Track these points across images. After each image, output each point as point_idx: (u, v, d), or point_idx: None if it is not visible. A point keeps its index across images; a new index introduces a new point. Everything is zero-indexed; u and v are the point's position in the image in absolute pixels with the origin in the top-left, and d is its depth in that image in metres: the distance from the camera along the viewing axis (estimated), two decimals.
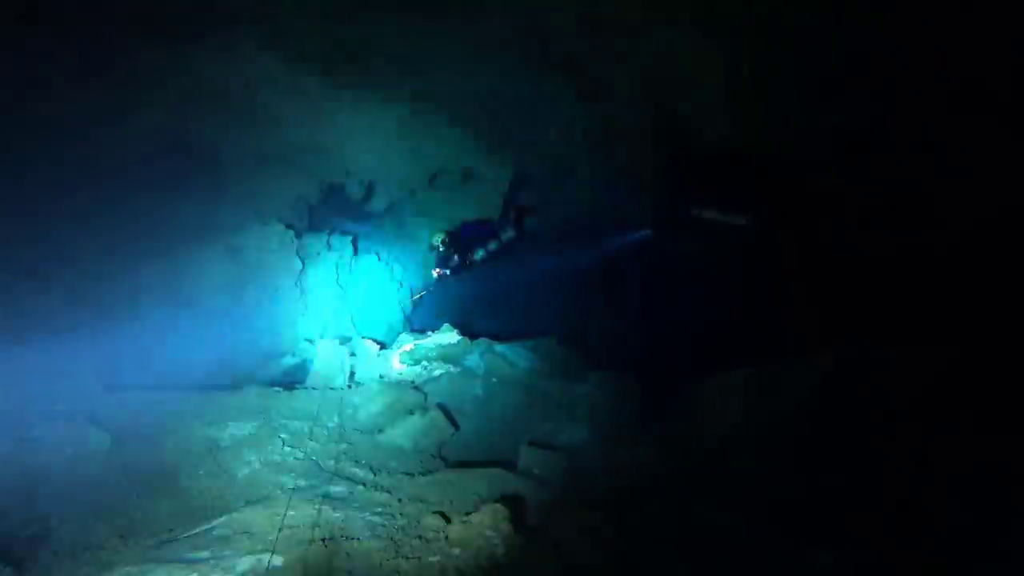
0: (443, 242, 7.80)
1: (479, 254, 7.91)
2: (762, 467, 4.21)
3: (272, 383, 6.02)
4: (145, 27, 5.31)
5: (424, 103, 6.83)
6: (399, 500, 3.88)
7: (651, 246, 7.73)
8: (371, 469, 4.61)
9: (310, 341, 6.90)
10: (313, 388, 5.75)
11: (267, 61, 6.49)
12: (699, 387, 5.55)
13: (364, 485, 4.19)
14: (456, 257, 7.78)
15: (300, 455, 4.65)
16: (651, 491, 4.21)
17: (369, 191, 8.15)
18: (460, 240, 7.99)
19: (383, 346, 7.10)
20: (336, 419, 5.27)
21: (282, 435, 4.89)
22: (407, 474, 4.59)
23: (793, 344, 5.44)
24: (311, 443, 4.82)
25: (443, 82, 6.58)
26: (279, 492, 3.97)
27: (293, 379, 6.27)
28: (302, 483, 4.13)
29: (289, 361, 6.95)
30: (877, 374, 3.98)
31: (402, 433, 5.26)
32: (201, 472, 4.36)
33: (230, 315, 6.69)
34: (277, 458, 4.55)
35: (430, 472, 4.62)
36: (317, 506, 3.61)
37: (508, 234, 8.17)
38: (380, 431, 5.28)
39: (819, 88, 4.52)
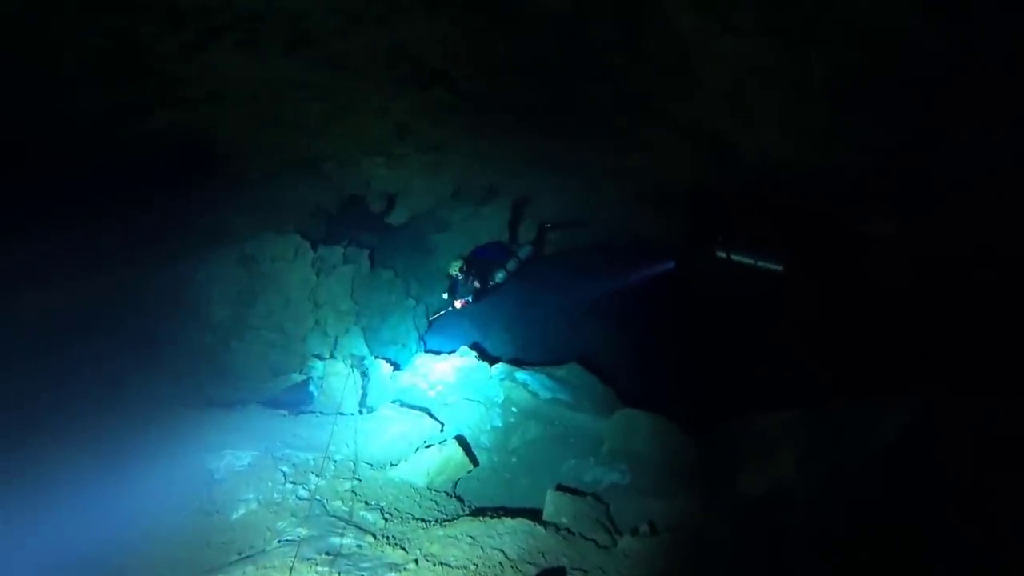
0: (460, 270, 6.89)
1: (499, 276, 7.19)
2: (819, 535, 3.53)
3: (276, 403, 5.39)
4: (163, 18, 4.79)
5: (451, 113, 6.28)
6: (415, 561, 3.22)
7: (676, 276, 7.08)
8: (382, 513, 3.96)
9: (320, 358, 6.27)
10: (321, 412, 5.11)
11: (291, 64, 5.98)
12: (740, 428, 4.89)
13: (375, 537, 3.53)
14: (476, 283, 7.01)
15: (303, 493, 4.00)
16: (698, 560, 3.54)
17: (390, 204, 7.58)
18: (477, 264, 7.20)
19: (397, 367, 6.47)
20: (345, 450, 4.62)
21: (284, 468, 4.25)
22: (422, 521, 3.93)
23: (840, 386, 4.78)
24: (316, 479, 4.17)
25: (474, 91, 6.03)
26: (277, 544, 3.32)
27: (300, 399, 5.64)
28: (303, 532, 3.48)
29: (296, 379, 6.32)
30: (978, 430, 3.30)
31: (416, 469, 4.60)
32: (192, 510, 3.72)
33: (238, 326, 6.10)
34: (277, 497, 3.91)
35: (447, 520, 3.96)
36: (321, 569, 2.96)
37: (526, 251, 7.56)
38: (392, 465, 4.63)
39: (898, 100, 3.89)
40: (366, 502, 4.05)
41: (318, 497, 3.98)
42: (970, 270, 4.98)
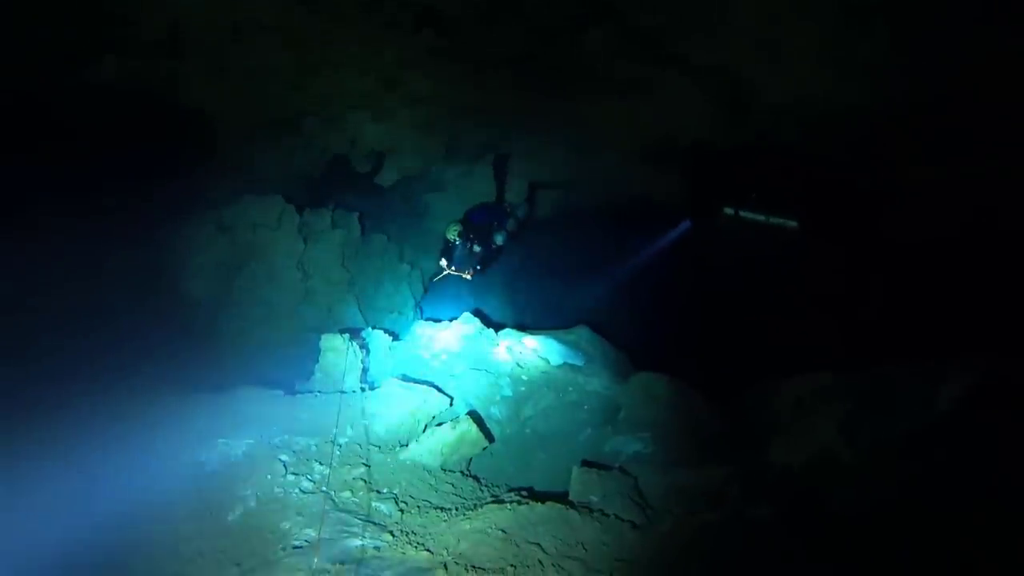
0: (459, 234, 5.99)
1: (500, 238, 6.45)
2: (869, 512, 3.13)
3: (270, 383, 4.76)
4: None
5: (444, 63, 5.44)
6: (444, 566, 2.72)
7: (691, 238, 6.50)
8: (397, 503, 3.44)
9: (314, 331, 5.62)
10: (320, 392, 4.51)
11: (258, 3, 5.03)
12: (767, 393, 4.47)
13: (393, 534, 3.02)
14: (477, 247, 6.22)
15: (308, 485, 3.45)
16: (744, 544, 3.12)
17: (378, 164, 6.77)
18: (474, 227, 6.35)
19: (395, 337, 5.86)
20: (349, 432, 4.06)
21: (284, 456, 3.68)
22: (441, 510, 3.43)
23: (873, 351, 4.35)
24: (321, 467, 3.61)
25: (467, 39, 5.19)
26: (282, 551, 2.78)
27: (295, 378, 5.01)
28: (311, 533, 2.94)
29: (289, 352, 5.69)
30: None
31: (429, 449, 4.08)
32: (181, 513, 3.13)
33: (220, 301, 5.38)
34: (278, 491, 3.35)
35: (469, 508, 3.46)
36: None
37: (523, 210, 6.86)
38: (403, 446, 4.09)
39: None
40: (379, 491, 3.52)
41: (324, 488, 3.44)
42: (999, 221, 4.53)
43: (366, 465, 3.75)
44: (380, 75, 5.75)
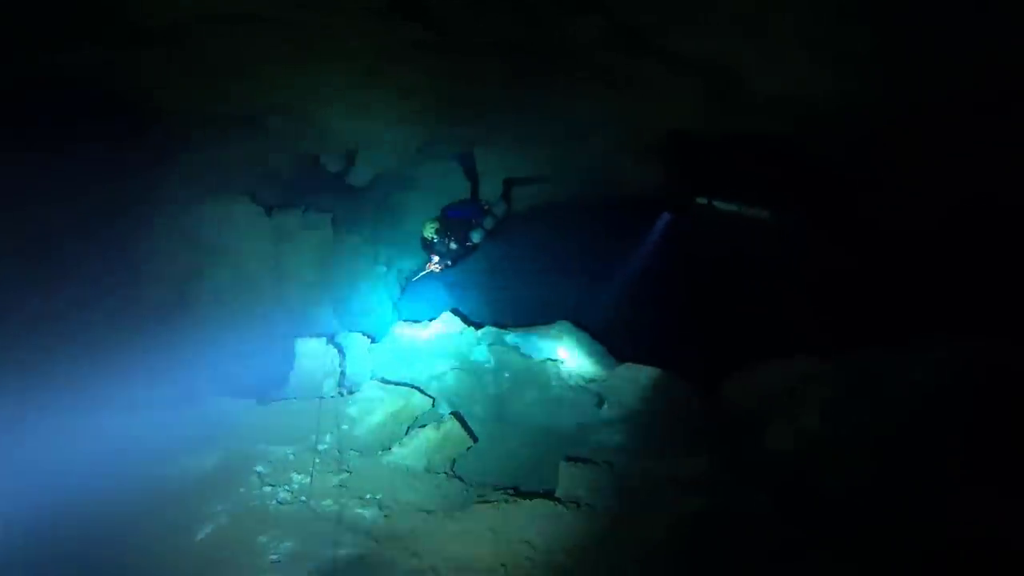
0: (436, 232, 5.91)
1: (476, 236, 6.31)
2: (858, 496, 3.12)
3: (239, 392, 4.51)
4: None
5: (424, 54, 5.24)
6: (433, 570, 2.59)
7: (672, 230, 6.48)
8: (380, 507, 3.29)
9: (287, 336, 5.38)
10: (296, 399, 4.30)
11: None
12: (753, 381, 4.47)
13: (378, 541, 2.87)
14: (453, 244, 6.11)
15: (285, 495, 3.26)
16: (737, 530, 3.08)
17: (350, 161, 6.55)
18: (451, 224, 6.25)
19: (373, 340, 5.67)
20: (329, 438, 3.88)
21: (259, 467, 3.48)
22: (426, 512, 3.29)
23: (855, 335, 4.38)
24: (299, 476, 3.43)
25: (451, 25, 4.99)
26: (258, 566, 2.60)
27: (269, 385, 4.78)
28: (291, 546, 2.77)
29: (260, 360, 5.44)
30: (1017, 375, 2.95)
31: (413, 452, 3.93)
32: (144, 533, 2.91)
33: (183, 307, 5.09)
34: (254, 504, 3.15)
35: (455, 509, 3.33)
36: None
37: (501, 208, 6.73)
38: (386, 450, 3.93)
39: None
40: (361, 496, 3.36)
41: (303, 498, 3.26)
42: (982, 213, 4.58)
43: (347, 471, 3.57)
44: (355, 66, 5.51)
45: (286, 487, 3.34)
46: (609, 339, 5.77)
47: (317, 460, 3.61)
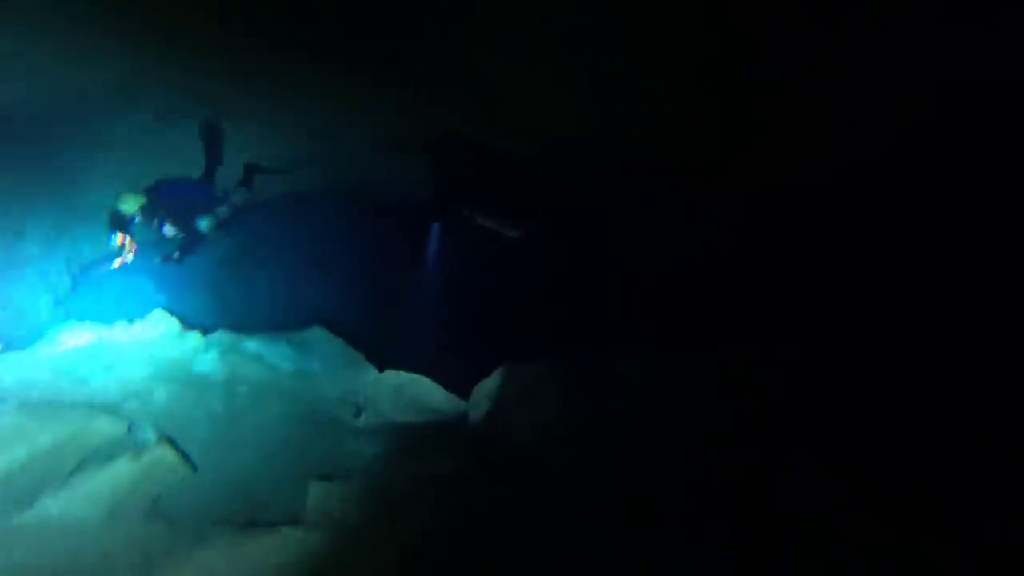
0: (142, 209, 4.55)
1: (205, 224, 5.03)
2: (587, 476, 3.66)
3: None
4: None
5: None
6: None
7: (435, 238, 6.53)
8: None
9: None
10: None
11: None
12: (501, 380, 4.81)
13: None
14: (171, 230, 4.71)
15: None
16: (487, 517, 3.21)
17: None
18: (167, 204, 4.88)
19: (11, 346, 3.98)
20: None
21: None
22: None
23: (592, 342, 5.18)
24: None
25: None
26: None
27: None
28: None
29: None
30: (715, 373, 3.92)
31: (86, 497, 2.81)
32: None
33: None
34: None
35: (154, 565, 2.49)
36: None
37: (241, 194, 5.62)
38: (29, 501, 2.68)
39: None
40: None
41: None
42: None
43: None
44: None
45: None
46: (365, 344, 5.43)
47: None
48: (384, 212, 6.95)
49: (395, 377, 4.86)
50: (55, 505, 2.71)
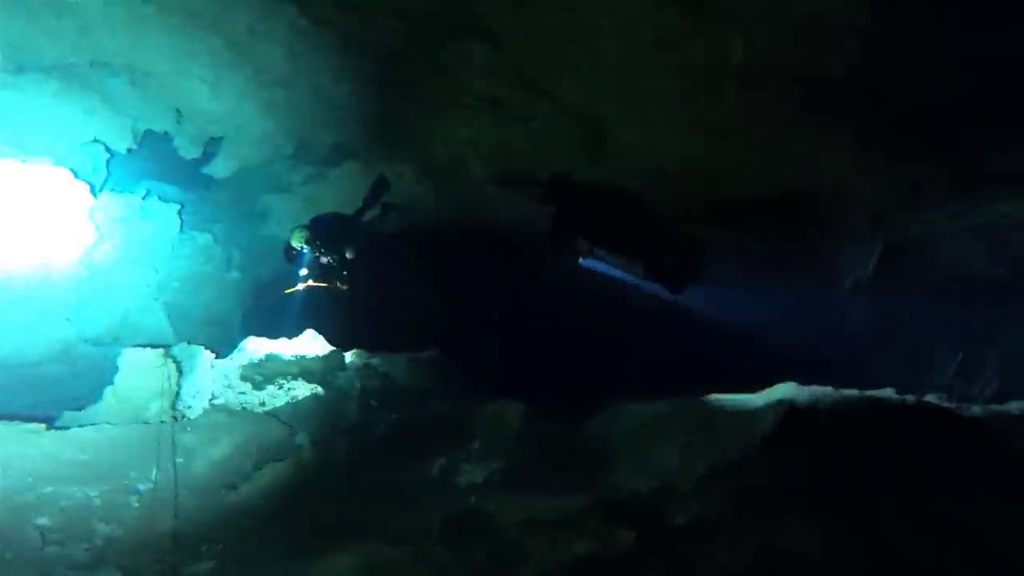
0: (306, 241, 5.20)
1: (350, 252, 5.71)
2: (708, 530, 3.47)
3: (14, 414, 3.36)
4: None
5: (302, 38, 4.64)
6: None
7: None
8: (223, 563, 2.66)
9: (99, 343, 4.24)
10: (109, 424, 3.35)
11: None
12: (613, 419, 4.79)
13: None
14: (327, 258, 5.45)
15: (83, 557, 2.44)
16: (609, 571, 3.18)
17: (211, 149, 5.56)
18: (322, 236, 5.49)
19: (218, 355, 4.78)
20: (155, 475, 3.06)
21: (41, 519, 2.57)
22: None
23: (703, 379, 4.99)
24: (107, 527, 2.61)
25: (332, 19, 4.48)
26: None
27: (65, 403, 3.65)
28: None
29: (53, 371, 4.17)
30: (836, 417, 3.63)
31: (262, 490, 3.32)
32: None
33: None
34: (28, 572, 2.29)
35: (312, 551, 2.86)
36: None
37: (374, 225, 6.32)
38: (232, 489, 3.24)
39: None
40: (195, 550, 2.69)
41: (109, 558, 2.48)
42: None
43: (179, 519, 2.85)
44: (223, 37, 4.66)
45: (85, 542, 2.52)
46: (479, 369, 5.71)
47: (136, 504, 2.82)
48: (501, 244, 7.29)
49: (507, 405, 5.06)
50: (247, 493, 3.22)
